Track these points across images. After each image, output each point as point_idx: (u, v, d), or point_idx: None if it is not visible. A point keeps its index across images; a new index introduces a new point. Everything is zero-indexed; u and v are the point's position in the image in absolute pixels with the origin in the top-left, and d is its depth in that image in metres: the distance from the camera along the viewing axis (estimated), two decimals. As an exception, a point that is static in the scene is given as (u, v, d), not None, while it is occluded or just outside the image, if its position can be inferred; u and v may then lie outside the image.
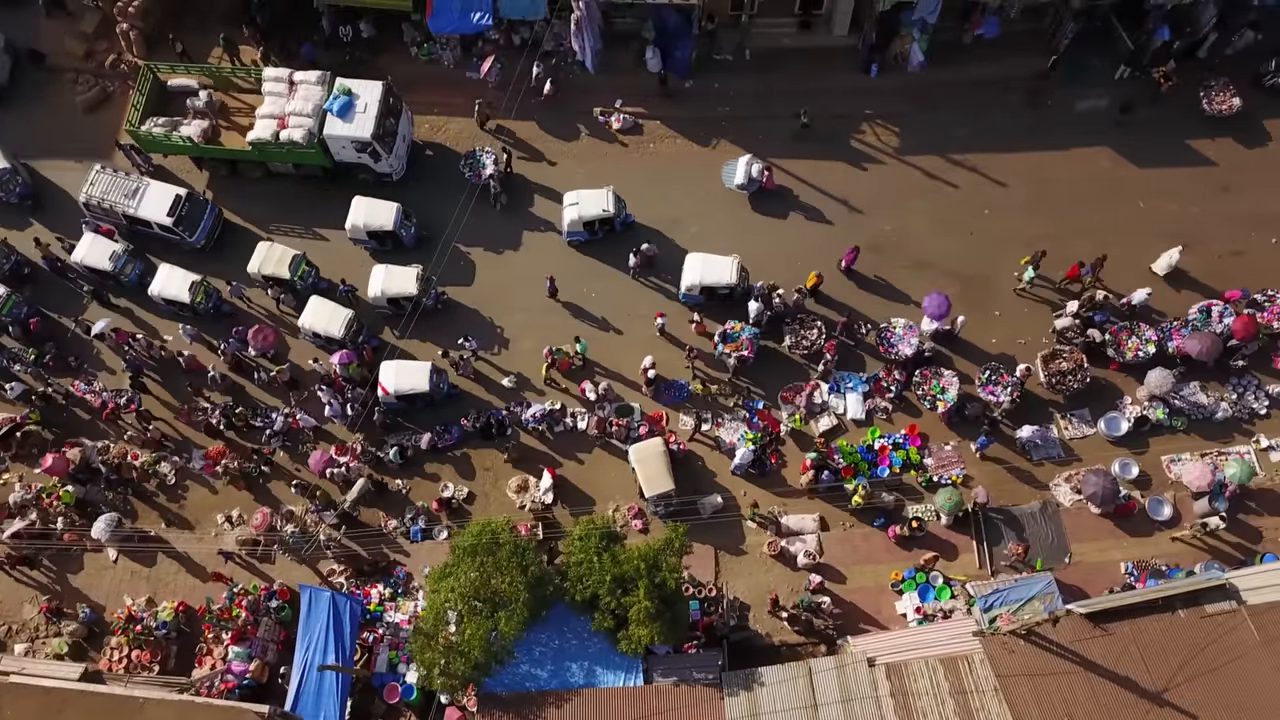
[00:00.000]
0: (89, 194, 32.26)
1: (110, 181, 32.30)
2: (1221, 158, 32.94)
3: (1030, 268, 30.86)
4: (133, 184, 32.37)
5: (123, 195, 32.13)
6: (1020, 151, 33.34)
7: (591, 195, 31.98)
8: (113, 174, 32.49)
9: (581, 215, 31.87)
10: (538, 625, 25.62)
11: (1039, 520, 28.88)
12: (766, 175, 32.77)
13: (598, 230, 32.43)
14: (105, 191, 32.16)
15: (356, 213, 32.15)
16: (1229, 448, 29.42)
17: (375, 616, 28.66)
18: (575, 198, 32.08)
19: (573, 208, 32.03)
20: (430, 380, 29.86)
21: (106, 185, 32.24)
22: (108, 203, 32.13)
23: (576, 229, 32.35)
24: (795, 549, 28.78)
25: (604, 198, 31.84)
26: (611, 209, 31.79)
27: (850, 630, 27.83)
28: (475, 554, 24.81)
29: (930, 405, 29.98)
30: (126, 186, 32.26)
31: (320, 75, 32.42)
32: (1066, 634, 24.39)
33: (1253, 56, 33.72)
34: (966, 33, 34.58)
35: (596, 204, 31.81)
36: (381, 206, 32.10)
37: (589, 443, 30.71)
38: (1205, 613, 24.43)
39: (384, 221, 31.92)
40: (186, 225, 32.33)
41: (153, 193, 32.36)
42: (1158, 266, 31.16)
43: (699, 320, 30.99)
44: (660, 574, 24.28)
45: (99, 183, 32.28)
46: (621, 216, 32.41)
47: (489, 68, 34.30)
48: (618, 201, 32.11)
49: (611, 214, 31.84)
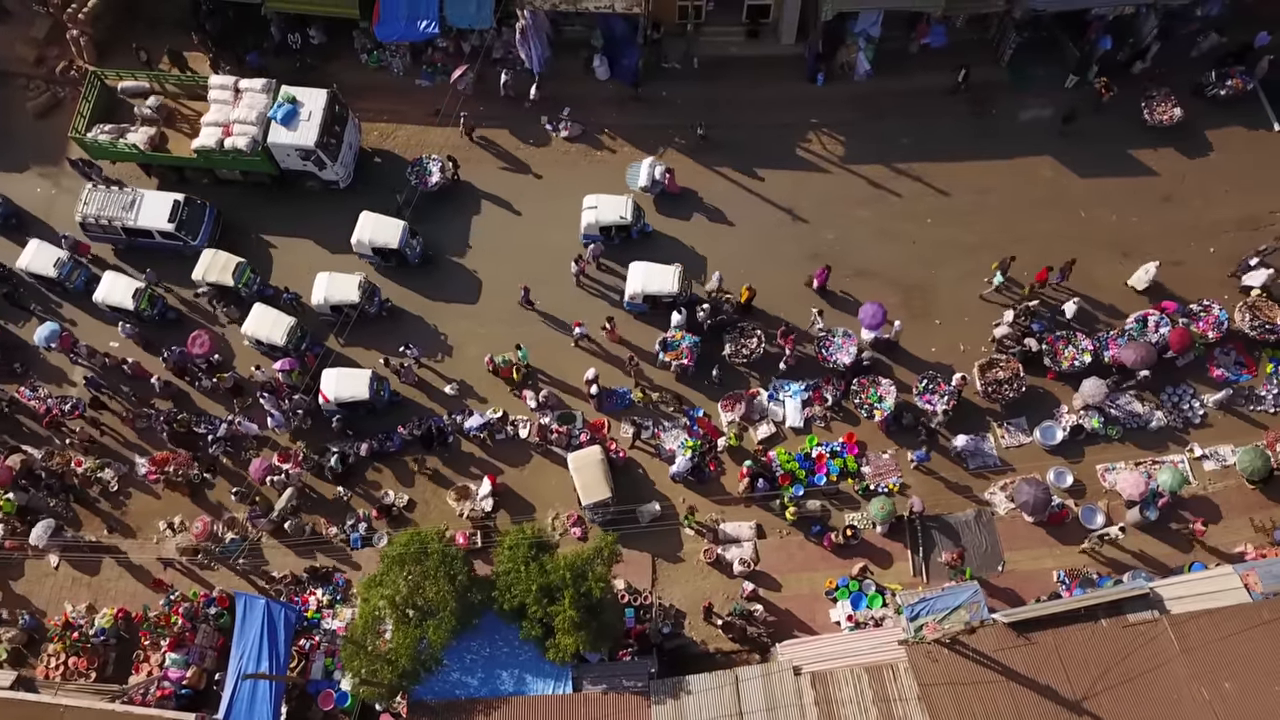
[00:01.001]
0: (84, 212, 32.14)
1: (105, 197, 32.21)
2: (1163, 168, 33.16)
3: (999, 273, 31.04)
4: (128, 196, 32.28)
5: (120, 208, 32.03)
6: (964, 160, 33.54)
7: (611, 201, 32.03)
8: (106, 189, 32.40)
9: (599, 220, 31.93)
10: (469, 633, 25.74)
11: (973, 528, 29.09)
12: (668, 177, 32.98)
13: (614, 236, 32.48)
14: (101, 207, 32.06)
15: (362, 229, 31.97)
16: (1163, 456, 29.64)
17: (312, 623, 28.78)
18: (594, 202, 32.13)
19: (590, 211, 32.07)
20: (371, 388, 29.97)
21: (101, 201, 32.16)
22: (105, 218, 32.01)
23: (592, 232, 32.36)
24: (731, 556, 28.96)
25: (623, 205, 31.90)
26: (629, 217, 31.85)
27: (785, 637, 27.95)
28: (403, 563, 24.95)
29: (867, 414, 30.16)
30: (122, 199, 32.17)
31: (265, 83, 32.50)
32: (990, 643, 24.62)
33: (1207, 61, 34.07)
34: (913, 42, 34.76)
35: (615, 210, 31.86)
36: (387, 224, 31.97)
37: (531, 450, 30.82)
38: (1127, 622, 24.71)
39: (389, 239, 31.78)
40: (188, 230, 32.32)
41: (150, 201, 32.32)
42: (1135, 281, 31.18)
43: (610, 327, 31.17)
44: (586, 583, 24.40)
45: (93, 200, 32.20)
46: (639, 225, 32.46)
47: (460, 76, 34.41)
48: (636, 210, 32.15)
49: (629, 222, 31.92)
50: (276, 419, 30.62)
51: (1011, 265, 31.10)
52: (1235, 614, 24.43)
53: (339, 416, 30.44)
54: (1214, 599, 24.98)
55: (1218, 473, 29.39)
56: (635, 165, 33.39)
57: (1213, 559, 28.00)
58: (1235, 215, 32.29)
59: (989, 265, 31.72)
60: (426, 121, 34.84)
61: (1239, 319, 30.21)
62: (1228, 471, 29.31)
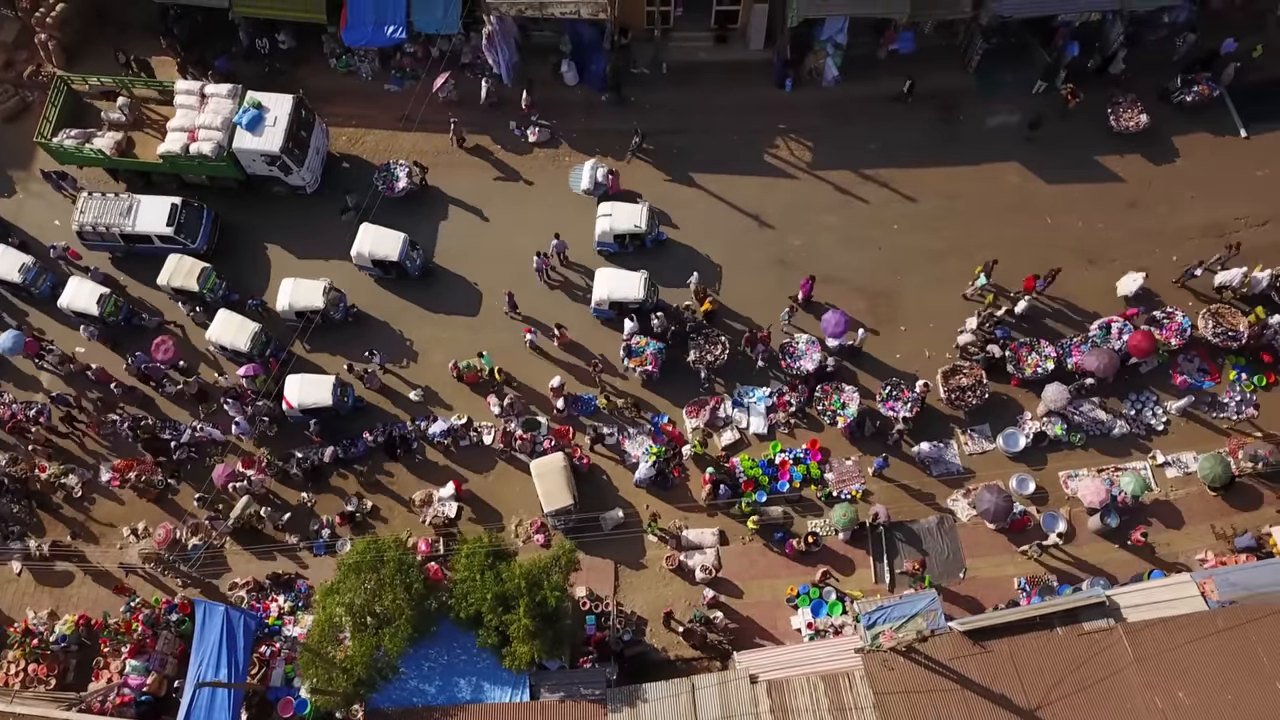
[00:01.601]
0: (81, 221, 32.00)
1: (101, 204, 32.08)
2: (1129, 174, 33.17)
3: (982, 274, 31.03)
4: (124, 202, 32.14)
5: (118, 215, 31.91)
6: (931, 166, 33.52)
7: (626, 209, 31.91)
8: (102, 196, 32.24)
9: (613, 228, 31.82)
10: (427, 640, 25.75)
11: (936, 535, 29.11)
12: (611, 179, 33.02)
13: (628, 244, 32.40)
14: (98, 215, 31.93)
15: (362, 241, 31.80)
16: (1126, 463, 29.65)
17: (274, 630, 28.76)
18: (609, 209, 32.01)
19: (605, 219, 31.93)
20: (334, 394, 29.94)
21: (98, 208, 32.04)
22: (103, 225, 31.87)
23: (607, 240, 32.28)
24: (693, 563, 28.96)
25: (638, 213, 31.77)
26: (644, 225, 31.73)
27: (746, 644, 28.01)
28: (360, 571, 24.94)
29: (830, 420, 30.16)
30: (119, 206, 32.04)
31: (231, 88, 32.45)
32: (945, 651, 24.65)
33: (1177, 66, 34.06)
34: (881, 48, 34.75)
35: (629, 219, 31.72)
36: (388, 236, 31.80)
37: (495, 457, 30.80)
38: (1083, 630, 24.73)
39: (389, 251, 31.64)
40: (187, 232, 32.22)
41: (147, 206, 32.15)
42: (1122, 289, 31.05)
43: (559, 334, 31.17)
44: (541, 592, 24.41)
45: (89, 208, 32.06)
46: (654, 233, 32.34)
47: (442, 84, 34.37)
48: (651, 218, 32.06)
49: (643, 230, 31.81)
50: (241, 426, 30.59)
51: (994, 269, 31.11)
52: (1190, 622, 24.45)
53: (316, 420, 30.36)
54: (1171, 607, 24.98)
55: (1180, 479, 29.42)
56: (578, 168, 33.41)
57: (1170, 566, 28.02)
58: (1201, 222, 32.30)
59: (955, 272, 31.82)
60: (395, 126, 34.81)
61: (1202, 326, 30.23)
62: (1190, 478, 29.34)
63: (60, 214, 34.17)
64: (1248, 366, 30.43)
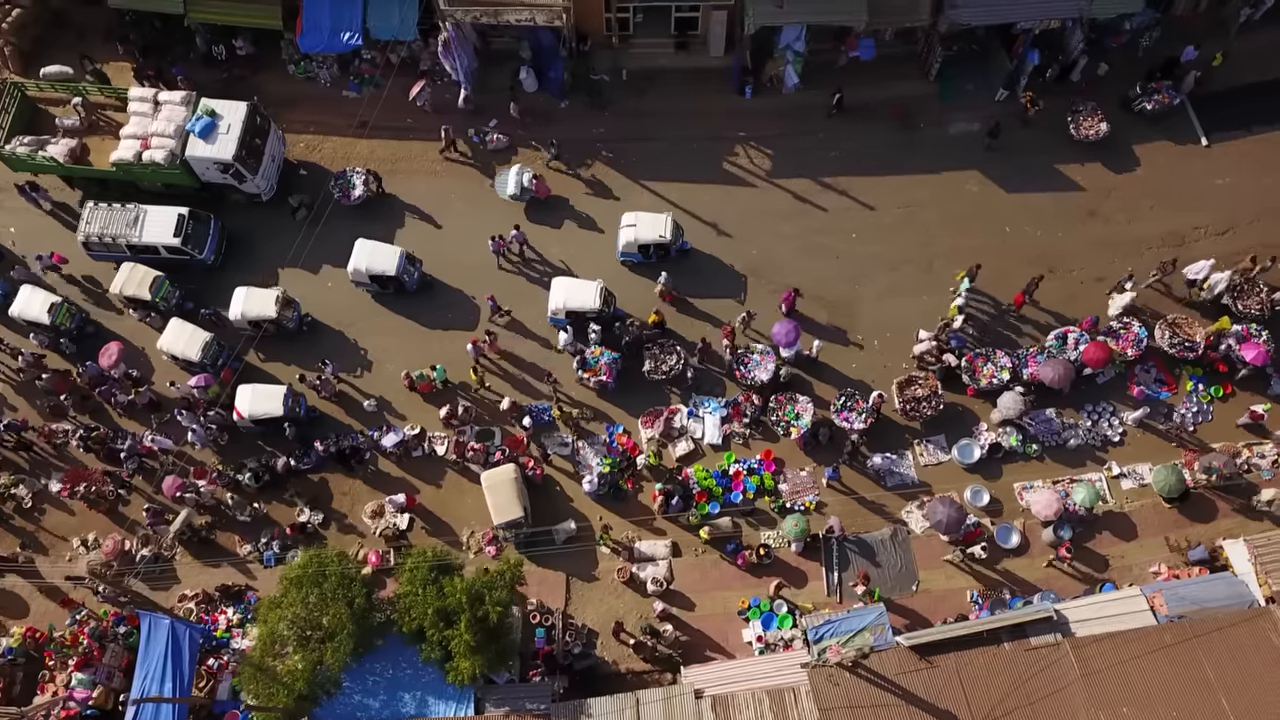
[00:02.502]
0: (87, 232, 31.51)
1: (107, 215, 31.56)
2: (1089, 183, 33.00)
3: (966, 279, 30.82)
4: (131, 213, 31.61)
5: (124, 226, 31.43)
6: (890, 175, 33.34)
7: (650, 219, 31.55)
8: (108, 206, 31.75)
9: (637, 238, 31.50)
10: (372, 654, 25.59)
11: (889, 547, 28.94)
12: (536, 183, 32.86)
13: (651, 254, 32.08)
14: (104, 226, 31.45)
15: (359, 256, 31.43)
16: (1082, 475, 29.49)
17: (221, 643, 28.55)
18: (633, 219, 31.65)
19: (629, 229, 31.59)
20: (286, 404, 29.71)
21: (104, 219, 31.54)
22: (109, 236, 31.40)
23: (631, 250, 31.95)
24: (645, 575, 28.77)
25: (662, 223, 31.41)
26: (668, 236, 31.37)
27: (698, 657, 27.89)
28: (302, 585, 24.76)
29: (784, 431, 29.98)
30: (125, 216, 31.52)
31: (185, 95, 32.20)
32: (891, 666, 24.52)
33: (1138, 74, 33.90)
34: (842, 55, 34.53)
35: (654, 229, 31.38)
36: (384, 250, 31.46)
37: (448, 468, 30.58)
38: (1030, 645, 24.62)
39: (386, 266, 31.26)
40: (194, 243, 31.84)
41: (153, 217, 31.62)
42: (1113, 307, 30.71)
43: (489, 343, 30.93)
44: (483, 607, 24.24)
45: (95, 219, 31.56)
46: (678, 244, 32.02)
47: (418, 91, 34.08)
48: (675, 228, 31.74)
49: (668, 241, 31.48)
50: (198, 434, 30.36)
51: (978, 274, 30.89)
52: (1137, 638, 24.36)
53: (291, 425, 30.20)
54: (1119, 621, 24.92)
55: (1135, 491, 29.26)
56: (504, 173, 33.23)
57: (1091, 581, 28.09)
58: (1159, 231, 32.15)
59: (912, 281, 31.69)
60: (354, 133, 34.53)
61: (1159, 336, 30.07)
62: (1145, 490, 29.17)
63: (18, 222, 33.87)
64: (1204, 377, 30.27)
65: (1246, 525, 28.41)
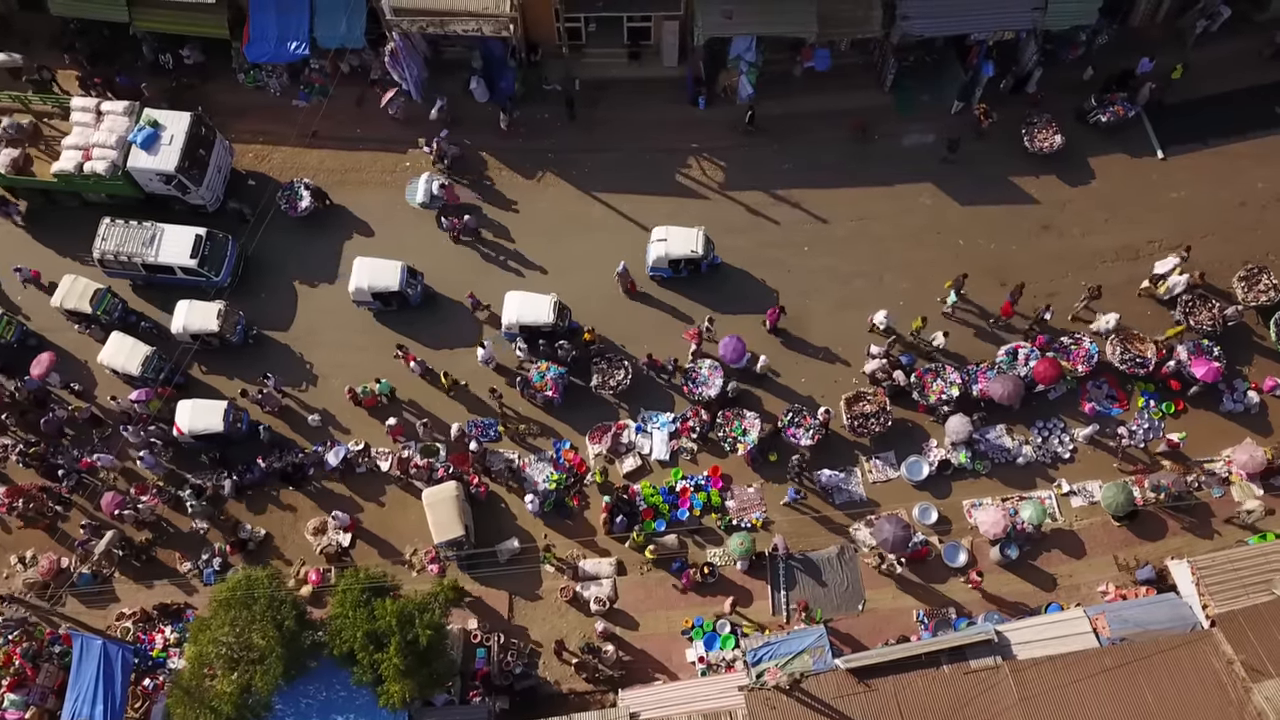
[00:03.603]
0: (103, 250, 30.82)
1: (124, 232, 30.91)
2: (1044, 195, 32.69)
3: (953, 291, 30.43)
4: (148, 231, 30.96)
5: (140, 244, 30.82)
6: (844, 187, 32.99)
7: (681, 233, 30.82)
8: (124, 224, 31.17)
9: (668, 253, 30.80)
10: (305, 676, 25.19)
11: (835, 565, 28.62)
12: (446, 191, 32.49)
13: (682, 269, 31.45)
14: (120, 243, 30.81)
15: (360, 275, 30.73)
16: (1031, 492, 29.19)
17: (158, 663, 28.13)
18: (664, 233, 30.93)
19: (660, 244, 30.87)
20: (226, 420, 29.28)
21: (120, 236, 30.89)
22: (124, 254, 30.76)
23: (661, 265, 31.28)
24: (589, 594, 28.39)
25: (694, 238, 30.69)
26: (700, 250, 30.71)
27: (641, 677, 27.57)
28: (230, 607, 24.37)
29: (730, 447, 29.63)
30: (142, 235, 30.89)
31: (128, 105, 31.71)
32: (829, 690, 24.19)
33: (1092, 85, 33.67)
34: (797, 65, 34.19)
35: (685, 244, 30.62)
36: (384, 266, 30.77)
37: (392, 484, 30.18)
38: (969, 668, 24.32)
39: (389, 282, 30.59)
40: (210, 265, 31.24)
41: (170, 237, 30.98)
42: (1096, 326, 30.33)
43: (404, 356, 30.57)
44: (414, 630, 23.84)
45: (111, 236, 30.88)
46: (709, 258, 31.38)
47: (389, 100, 33.64)
48: (707, 242, 31.00)
49: (700, 255, 30.82)
50: (148, 460, 29.82)
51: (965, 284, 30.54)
52: (1077, 661, 24.08)
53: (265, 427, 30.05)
54: (1061, 644, 24.63)
55: (1084, 509, 28.98)
56: (413, 180, 32.78)
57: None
58: (1114, 245, 31.86)
59: (863, 295, 31.40)
60: (303, 143, 34.13)
61: (1109, 352, 29.78)
62: (1094, 508, 28.89)
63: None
64: (1156, 393, 29.98)
65: (1195, 544, 28.17)
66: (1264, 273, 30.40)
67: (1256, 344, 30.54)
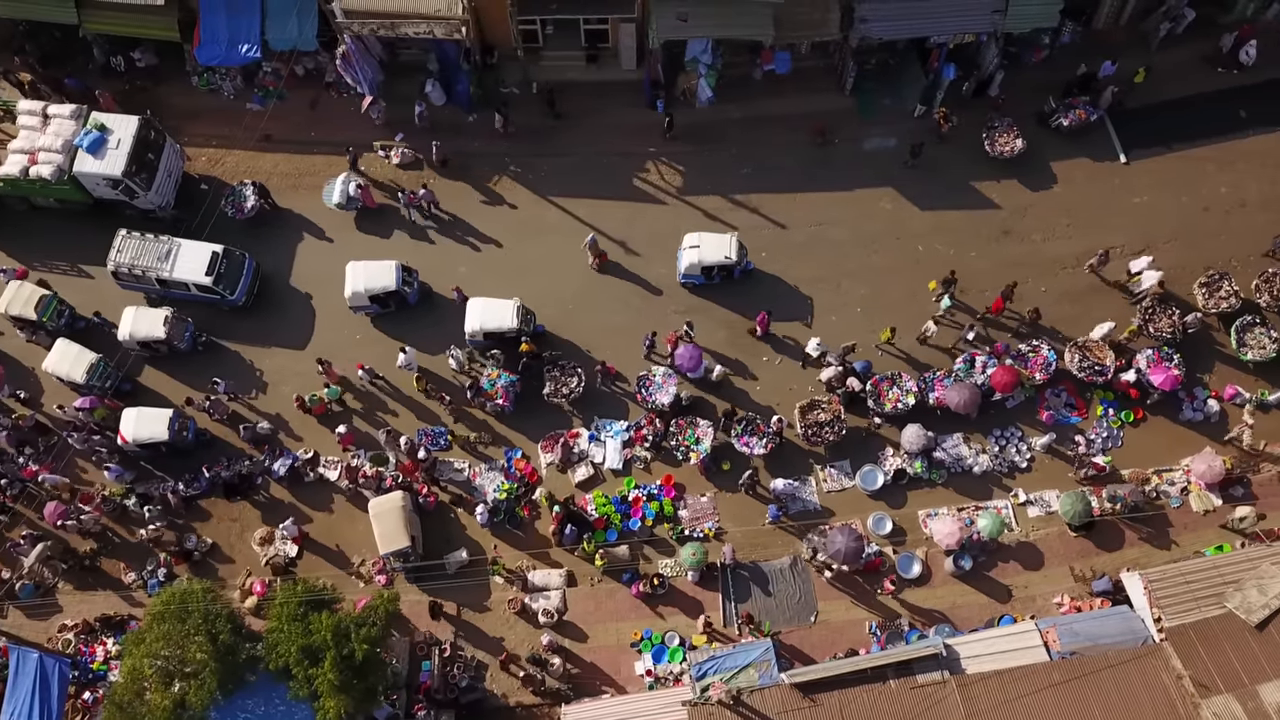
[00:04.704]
0: (117, 261, 30.29)
1: (139, 245, 30.35)
2: (1005, 200, 32.28)
3: (946, 297, 29.90)
4: (164, 246, 30.43)
5: (155, 259, 30.26)
6: (803, 192, 32.59)
7: (714, 240, 30.31)
8: (140, 237, 30.62)
9: (701, 260, 30.18)
10: (244, 690, 24.77)
11: (788, 576, 28.20)
12: (362, 192, 32.08)
13: (715, 275, 30.88)
14: (135, 256, 30.26)
15: (355, 278, 30.20)
16: (988, 502, 28.78)
17: (99, 676, 27.69)
18: (697, 240, 30.37)
19: (693, 250, 30.25)
20: (171, 428, 28.83)
21: (136, 249, 30.33)
22: (139, 268, 30.23)
23: (694, 273, 30.68)
24: (537, 606, 27.95)
25: (727, 244, 30.14)
26: (734, 256, 30.10)
27: (590, 690, 27.16)
28: (165, 620, 23.94)
29: (683, 456, 29.21)
30: (158, 249, 30.33)
31: (75, 109, 31.26)
32: (774, 705, 23.73)
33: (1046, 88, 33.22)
34: (757, 68, 33.76)
35: (719, 250, 30.07)
36: (379, 267, 30.26)
37: (341, 493, 29.75)
38: (916, 683, 23.84)
39: (386, 282, 30.09)
40: (226, 284, 30.63)
41: (186, 253, 30.39)
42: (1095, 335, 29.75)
43: (326, 370, 30.20)
44: (349, 644, 23.41)
45: (127, 248, 30.33)
46: (742, 264, 30.78)
47: (370, 105, 33.16)
48: (740, 249, 30.49)
49: (734, 261, 30.25)
50: (115, 471, 29.32)
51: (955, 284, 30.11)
52: (1025, 675, 23.58)
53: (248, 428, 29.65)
54: (1011, 657, 24.15)
55: (1041, 519, 28.58)
56: (330, 182, 32.32)
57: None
58: (1075, 250, 31.42)
59: (820, 302, 30.91)
60: (257, 147, 33.71)
61: (1068, 360, 29.38)
62: (1051, 518, 28.48)
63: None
64: (1115, 401, 29.57)
65: (1153, 555, 27.78)
66: (1225, 279, 29.99)
67: (1218, 351, 30.12)
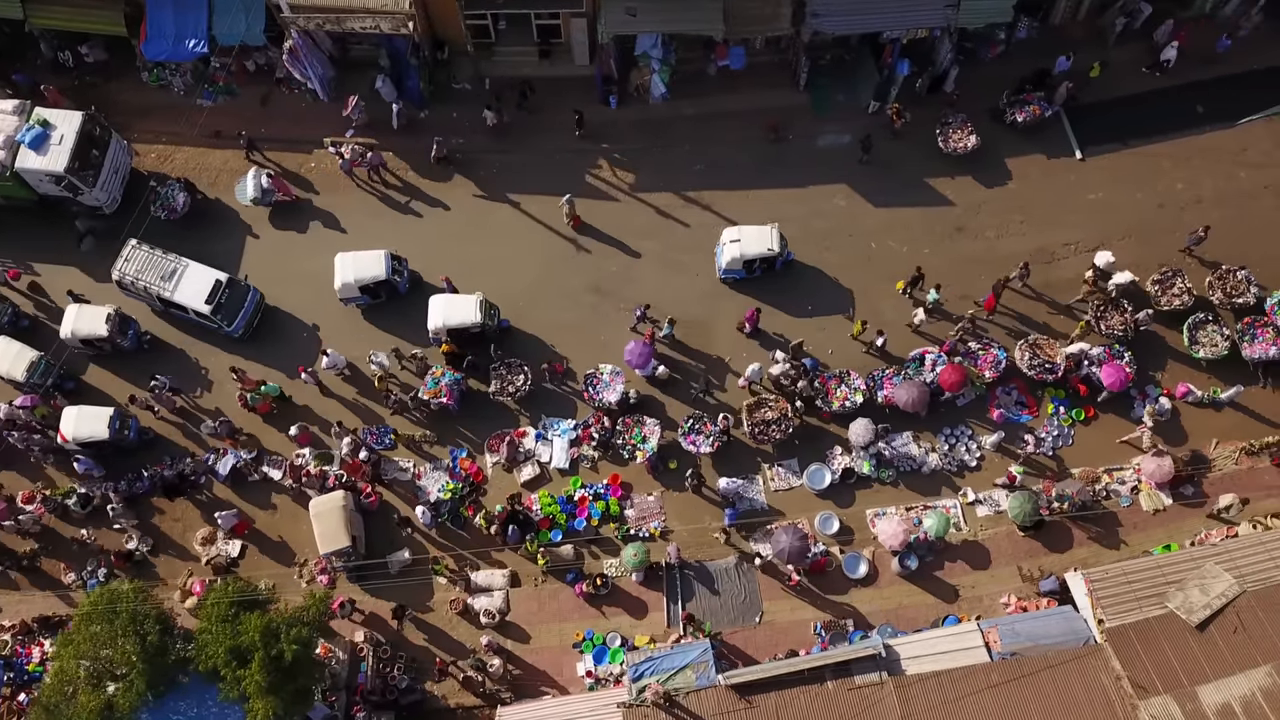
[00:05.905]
0: (123, 271, 29.85)
1: (146, 259, 29.82)
2: (959, 197, 32.00)
3: (932, 290, 29.35)
4: (170, 264, 29.87)
5: (158, 276, 29.72)
6: (757, 188, 32.27)
7: (755, 232, 29.74)
8: (149, 250, 30.04)
9: (743, 254, 29.66)
10: (176, 692, 24.46)
11: (732, 576, 27.89)
12: (276, 183, 31.78)
13: (756, 268, 30.38)
14: (140, 270, 29.73)
15: (344, 269, 29.75)
16: (937, 501, 28.49)
17: (34, 678, 27.33)
18: (736, 234, 29.74)
19: (734, 245, 29.66)
20: (112, 427, 28.49)
21: (142, 263, 29.80)
22: (142, 283, 29.77)
23: (735, 268, 30.14)
24: (479, 606, 27.64)
25: (769, 235, 29.58)
26: (777, 248, 29.62)
27: (531, 692, 26.84)
28: (94, 621, 23.61)
29: (629, 455, 28.90)
30: (163, 267, 29.78)
31: (18, 104, 30.91)
32: (710, 707, 23.50)
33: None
34: (711, 64, 33.48)
35: (761, 243, 29.55)
36: (368, 257, 29.84)
37: (285, 492, 29.42)
38: (854, 684, 23.60)
39: (377, 271, 29.67)
40: (225, 315, 30.00)
41: (191, 276, 29.81)
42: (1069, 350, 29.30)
43: (240, 379, 29.77)
44: (278, 645, 23.10)
45: (134, 259, 29.86)
46: (784, 255, 30.29)
47: (353, 107, 32.80)
48: (782, 239, 29.92)
49: (776, 253, 29.73)
50: (85, 464, 28.93)
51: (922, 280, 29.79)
52: (964, 676, 23.37)
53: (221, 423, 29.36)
54: (952, 658, 23.92)
55: (990, 518, 28.27)
56: (241, 179, 32.04)
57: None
58: (1028, 248, 31.11)
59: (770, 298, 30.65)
60: (207, 143, 33.42)
61: (1018, 357, 29.09)
62: (1000, 517, 28.18)
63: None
64: (1066, 399, 29.28)
65: (1102, 555, 27.49)
66: (1178, 276, 29.73)
67: (1170, 349, 29.84)
